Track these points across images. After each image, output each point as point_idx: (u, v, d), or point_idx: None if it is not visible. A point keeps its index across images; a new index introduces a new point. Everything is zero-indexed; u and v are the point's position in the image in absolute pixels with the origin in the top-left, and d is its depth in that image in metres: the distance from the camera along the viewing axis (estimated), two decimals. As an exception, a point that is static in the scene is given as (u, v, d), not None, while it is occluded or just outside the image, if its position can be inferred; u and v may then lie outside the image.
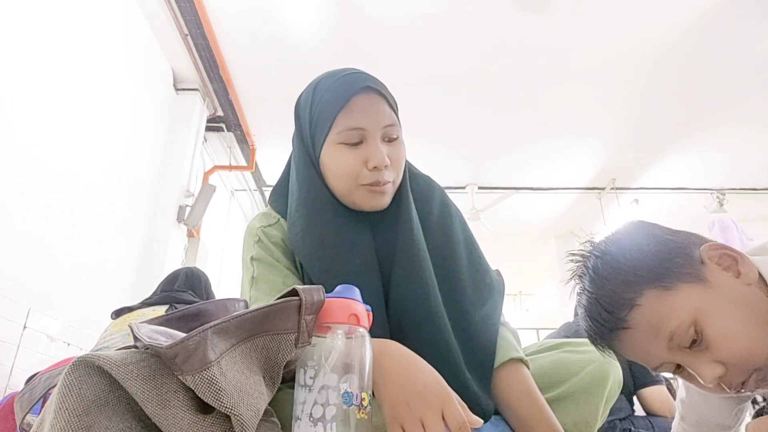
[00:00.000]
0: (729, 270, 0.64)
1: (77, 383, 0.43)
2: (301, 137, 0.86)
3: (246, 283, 0.82)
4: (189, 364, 0.42)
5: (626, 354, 0.68)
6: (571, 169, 5.26)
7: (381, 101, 0.81)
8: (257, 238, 0.84)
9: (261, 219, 0.89)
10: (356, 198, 0.81)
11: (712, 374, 0.60)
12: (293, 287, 0.53)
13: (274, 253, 0.83)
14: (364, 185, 0.79)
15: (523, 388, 0.77)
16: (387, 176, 0.79)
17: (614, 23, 3.46)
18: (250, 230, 0.87)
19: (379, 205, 0.81)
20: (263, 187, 5.68)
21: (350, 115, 0.78)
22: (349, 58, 3.78)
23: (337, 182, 0.81)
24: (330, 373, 0.49)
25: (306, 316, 0.51)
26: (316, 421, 0.47)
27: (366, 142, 0.79)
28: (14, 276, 2.27)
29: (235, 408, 0.42)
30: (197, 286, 1.70)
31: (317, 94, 0.82)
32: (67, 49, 2.59)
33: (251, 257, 0.83)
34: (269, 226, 0.87)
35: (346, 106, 0.78)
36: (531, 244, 6.89)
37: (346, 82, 0.80)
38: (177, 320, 0.62)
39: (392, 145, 0.81)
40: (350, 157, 0.78)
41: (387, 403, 0.56)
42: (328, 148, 0.80)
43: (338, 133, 0.78)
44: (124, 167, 3.19)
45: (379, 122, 0.79)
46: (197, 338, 0.43)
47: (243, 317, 0.48)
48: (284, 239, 0.85)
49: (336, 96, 0.79)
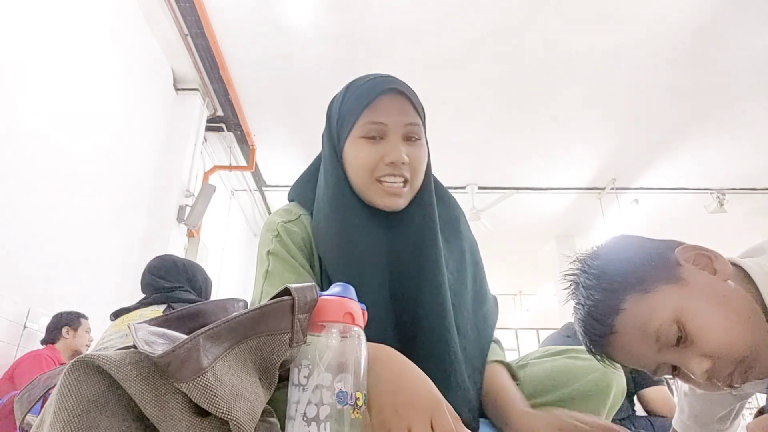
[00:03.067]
0: (705, 269, 0.67)
1: (77, 383, 0.43)
2: (329, 134, 0.88)
3: (259, 276, 0.82)
4: (182, 371, 0.42)
5: (621, 359, 0.71)
6: (571, 169, 5.26)
7: (405, 102, 0.83)
8: (276, 233, 0.84)
9: (282, 214, 0.89)
10: (372, 194, 0.82)
11: (701, 368, 0.62)
12: (286, 286, 0.53)
13: (291, 250, 0.83)
14: (379, 179, 0.81)
15: (499, 381, 0.81)
16: (403, 173, 0.80)
17: (614, 24, 3.46)
18: (270, 225, 0.87)
19: (394, 205, 0.82)
20: (263, 187, 5.68)
21: (374, 111, 0.81)
22: (349, 57, 3.78)
23: (355, 176, 0.83)
24: (324, 372, 0.49)
25: (299, 316, 0.51)
26: (309, 420, 0.47)
27: (386, 138, 0.81)
28: (14, 276, 2.27)
29: (231, 412, 0.43)
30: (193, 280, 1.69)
31: (347, 93, 0.87)
32: (67, 49, 2.59)
33: (268, 251, 0.82)
34: (290, 222, 0.87)
35: (372, 104, 0.81)
36: (531, 244, 6.89)
37: (374, 83, 0.83)
38: (176, 320, 0.62)
39: (412, 145, 0.83)
40: (369, 151, 0.81)
41: (375, 409, 0.55)
42: (351, 142, 0.83)
43: (360, 127, 0.81)
44: (124, 167, 3.20)
45: (401, 120, 0.81)
46: (189, 345, 0.43)
47: (235, 320, 0.48)
48: (303, 237, 0.86)
49: (363, 94, 0.82)
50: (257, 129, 4.61)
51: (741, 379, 0.63)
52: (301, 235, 0.85)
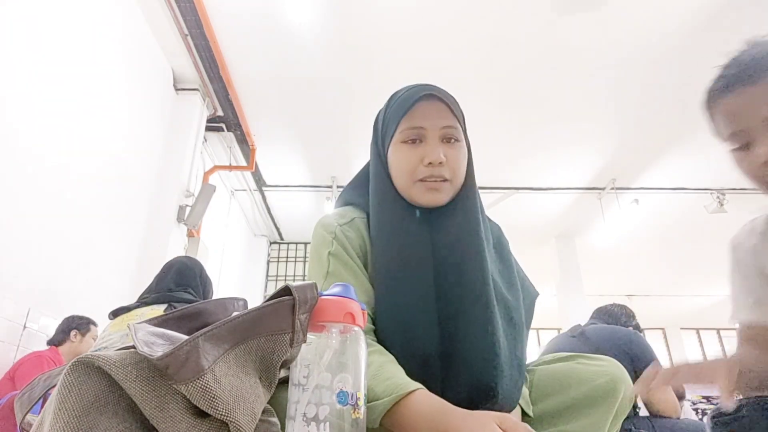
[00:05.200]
0: None
1: (77, 383, 0.43)
2: (375, 142, 0.95)
3: (319, 276, 0.84)
4: (181, 373, 0.42)
5: (729, 106, 0.81)
6: (571, 169, 5.26)
7: (442, 106, 0.87)
8: (335, 235, 0.87)
9: (337, 217, 0.92)
10: (414, 193, 0.87)
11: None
12: (286, 285, 0.54)
13: (349, 251, 0.86)
14: (420, 180, 0.85)
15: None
16: (442, 172, 0.84)
17: (614, 23, 3.46)
18: (327, 226, 0.89)
19: (435, 200, 0.86)
20: (263, 187, 5.68)
21: (412, 117, 0.86)
22: (349, 57, 3.79)
23: (398, 178, 0.88)
24: (324, 372, 0.49)
25: (300, 315, 0.51)
26: (309, 420, 0.47)
27: (425, 140, 0.86)
28: (14, 276, 2.27)
29: (230, 414, 0.43)
30: (192, 281, 1.69)
31: (389, 103, 0.93)
32: (67, 49, 2.59)
33: (329, 252, 0.85)
34: (345, 224, 0.90)
35: (411, 109, 0.86)
36: (531, 244, 6.89)
37: (413, 91, 0.88)
38: (176, 320, 0.62)
39: (450, 146, 0.87)
40: (409, 154, 0.86)
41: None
42: (393, 147, 0.88)
43: (401, 133, 0.87)
44: (124, 167, 3.20)
45: (438, 123, 0.86)
46: (188, 347, 0.43)
47: (234, 321, 0.48)
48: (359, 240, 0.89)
49: (402, 102, 0.88)
50: (257, 129, 4.61)
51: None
52: (356, 238, 0.89)
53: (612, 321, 2.30)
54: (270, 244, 7.06)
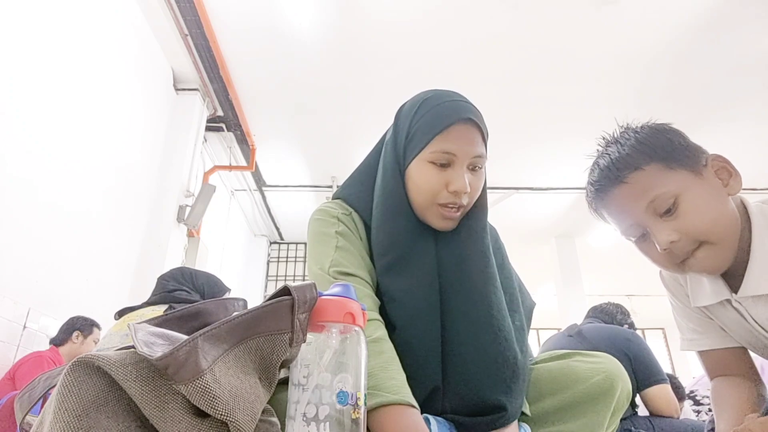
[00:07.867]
0: (721, 179, 0.81)
1: (77, 384, 0.43)
2: (395, 144, 0.91)
3: (327, 253, 0.85)
4: (181, 374, 0.42)
5: (609, 208, 0.83)
6: (571, 169, 5.26)
7: (477, 133, 0.85)
8: (337, 219, 0.89)
9: (336, 207, 0.93)
10: (429, 215, 0.86)
11: (668, 238, 0.75)
12: (285, 285, 0.54)
13: (354, 234, 0.89)
14: (440, 205, 0.84)
15: None
16: (462, 201, 0.84)
17: (613, 24, 3.46)
18: (328, 212, 0.91)
19: (447, 227, 0.87)
20: (263, 187, 5.68)
21: (446, 139, 0.83)
22: (349, 57, 3.78)
23: (417, 195, 0.86)
24: (324, 372, 0.49)
25: (299, 315, 0.51)
26: (309, 420, 0.47)
27: (453, 166, 0.84)
28: (14, 276, 2.27)
29: (230, 414, 0.43)
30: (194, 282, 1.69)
31: (421, 110, 0.88)
32: (67, 49, 2.59)
33: (336, 231, 0.87)
34: (344, 214, 0.91)
35: (445, 130, 0.83)
36: (531, 244, 6.89)
37: (450, 108, 0.85)
38: (176, 320, 0.62)
39: (475, 175, 0.86)
40: (436, 177, 0.84)
41: None
42: (418, 163, 0.85)
43: (431, 153, 0.84)
44: (124, 167, 3.20)
45: (470, 152, 0.84)
46: (187, 348, 0.43)
47: (234, 322, 0.48)
48: (356, 231, 0.90)
49: (438, 119, 0.84)
50: (257, 129, 4.60)
51: (693, 262, 0.76)
52: (356, 230, 0.90)
53: (608, 319, 2.31)
54: (270, 244, 7.06)
